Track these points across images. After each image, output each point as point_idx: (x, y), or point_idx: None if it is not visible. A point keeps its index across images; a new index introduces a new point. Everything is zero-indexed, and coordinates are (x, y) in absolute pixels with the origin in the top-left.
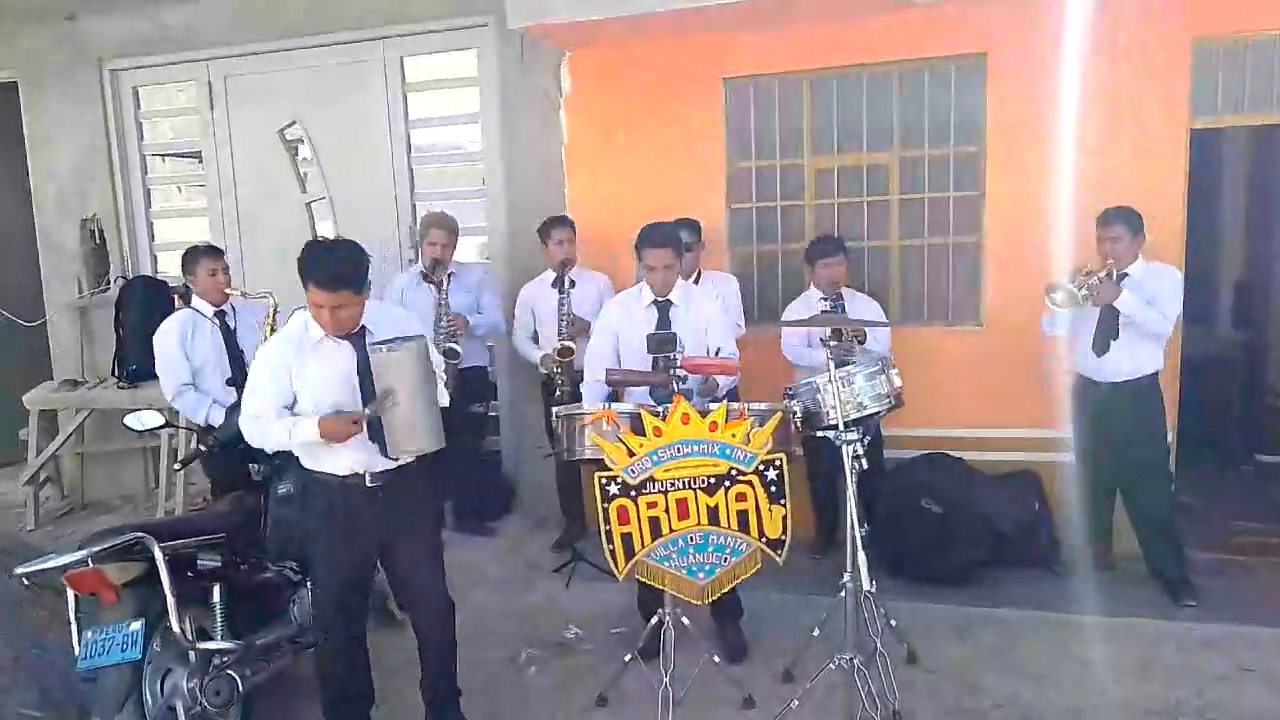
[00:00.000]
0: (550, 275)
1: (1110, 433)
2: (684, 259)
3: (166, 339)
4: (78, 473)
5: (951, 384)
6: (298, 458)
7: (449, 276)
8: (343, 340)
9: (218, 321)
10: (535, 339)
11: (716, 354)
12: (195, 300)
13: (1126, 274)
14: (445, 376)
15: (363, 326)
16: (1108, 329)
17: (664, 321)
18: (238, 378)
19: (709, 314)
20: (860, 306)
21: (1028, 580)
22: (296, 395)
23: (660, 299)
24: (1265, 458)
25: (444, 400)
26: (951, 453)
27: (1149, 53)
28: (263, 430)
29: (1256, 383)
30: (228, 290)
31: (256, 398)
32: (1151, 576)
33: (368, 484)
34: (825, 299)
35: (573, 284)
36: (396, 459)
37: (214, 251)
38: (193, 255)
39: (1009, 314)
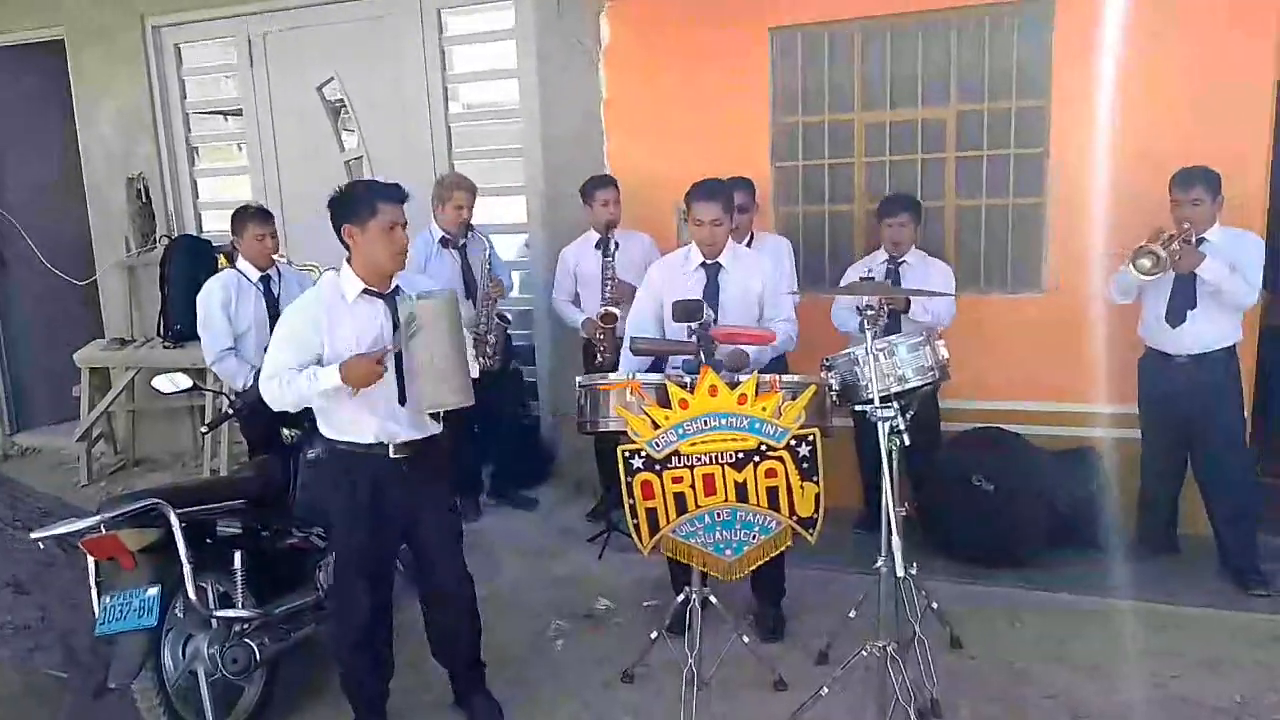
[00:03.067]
0: (594, 236)
1: (1183, 409)
2: (738, 220)
3: (210, 300)
4: (129, 430)
5: (1009, 355)
6: None
7: (469, 240)
8: (377, 298)
9: (262, 286)
10: (576, 301)
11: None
12: (241, 262)
13: (1205, 239)
14: (497, 342)
15: (396, 285)
16: (1184, 298)
17: (712, 286)
18: None
19: (763, 278)
20: (921, 272)
21: (1085, 564)
22: (324, 356)
23: (709, 261)
24: None
25: (474, 370)
26: (1008, 427)
27: None
28: (283, 387)
29: None
30: (275, 256)
31: (279, 357)
32: (1220, 563)
33: (391, 454)
34: (886, 262)
35: (617, 245)
36: (423, 429)
37: (263, 215)
38: (241, 217)
39: (1072, 281)
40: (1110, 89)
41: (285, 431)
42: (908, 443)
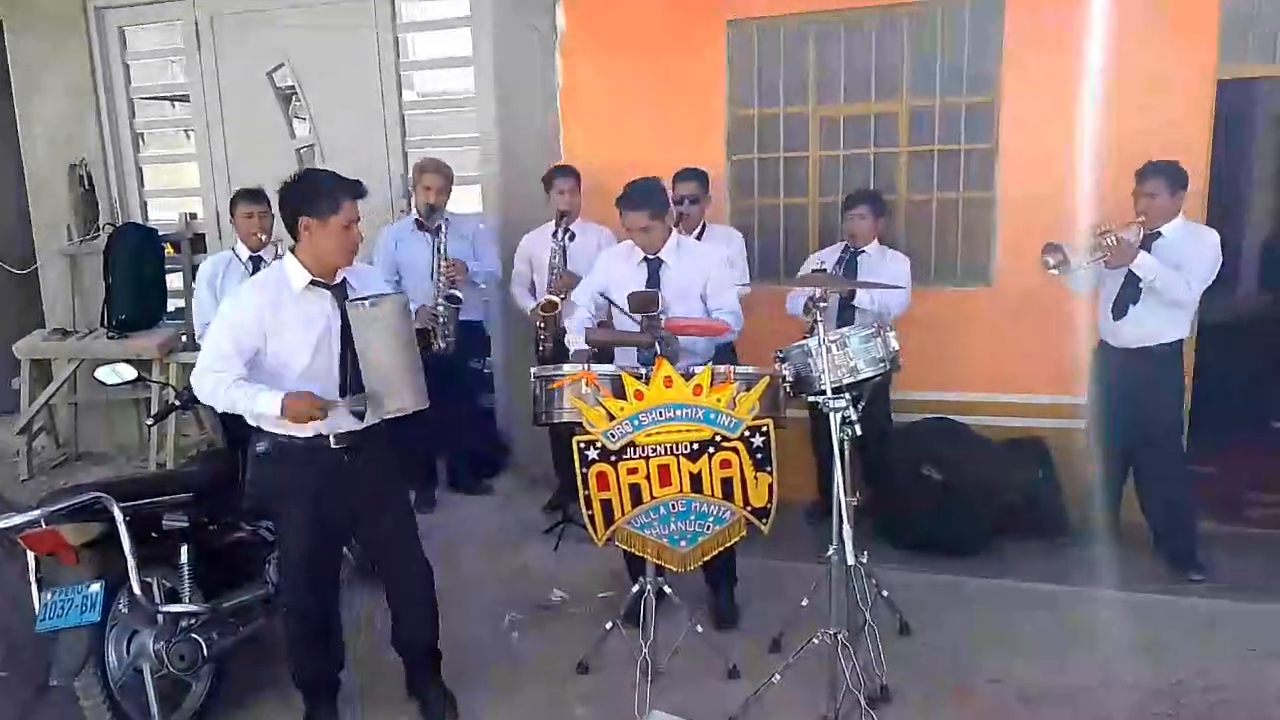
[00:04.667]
0: (552, 226)
1: (1123, 400)
2: (689, 210)
3: (200, 276)
4: (71, 423)
5: (959, 347)
6: None
7: (445, 223)
8: (324, 290)
9: (251, 266)
10: (533, 291)
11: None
12: (236, 243)
13: (1160, 234)
14: (447, 323)
15: (344, 279)
16: (1128, 292)
17: (653, 280)
18: None
19: (707, 271)
20: (876, 265)
21: (1031, 551)
22: (264, 347)
23: (650, 256)
24: None
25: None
26: (958, 418)
27: None
28: (217, 388)
29: None
30: (262, 236)
31: (219, 348)
32: (1158, 550)
33: (332, 445)
34: (842, 252)
35: (573, 236)
36: (361, 419)
37: (254, 195)
38: (235, 198)
39: (1021, 274)
40: (1058, 85)
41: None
42: (859, 433)
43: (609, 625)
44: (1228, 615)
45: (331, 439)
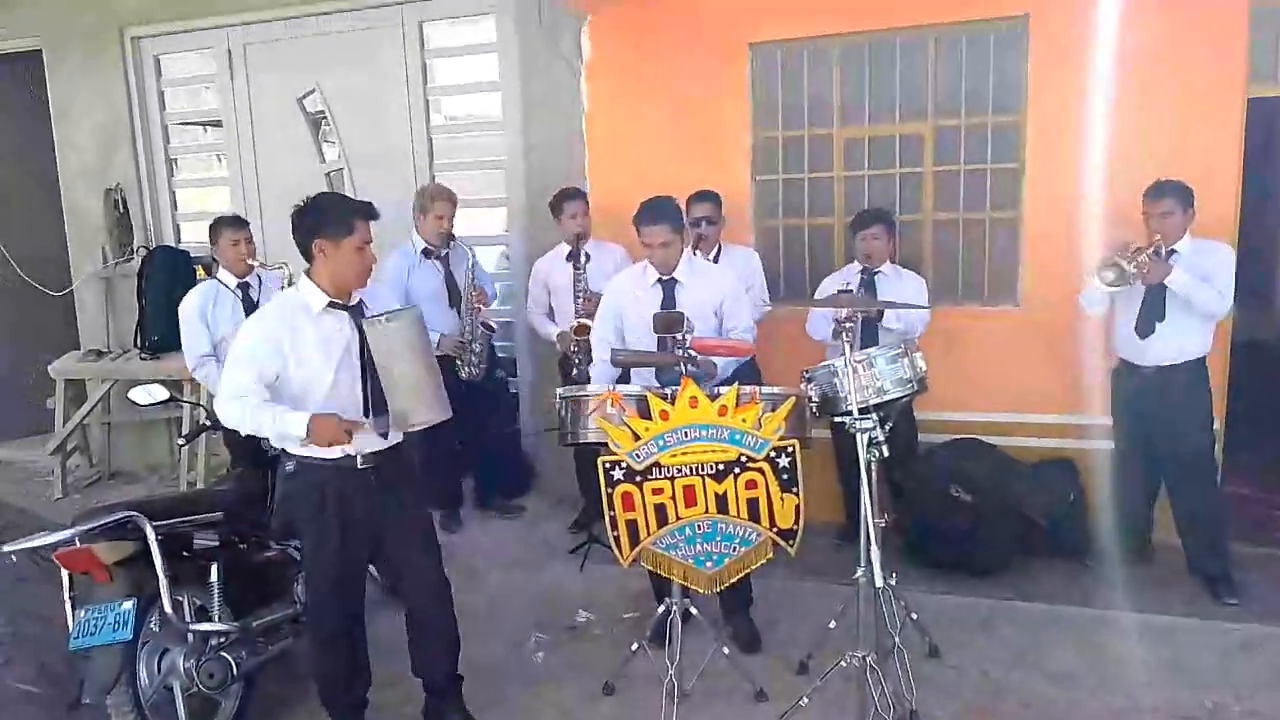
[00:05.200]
0: (565, 249)
1: (1152, 420)
2: (706, 231)
3: (188, 308)
4: (105, 442)
5: (985, 367)
6: None
7: (468, 250)
8: (342, 311)
9: (240, 293)
10: (551, 315)
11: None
12: (220, 271)
13: (1175, 251)
14: (481, 350)
15: (360, 300)
16: (1153, 310)
17: (669, 301)
18: None
19: (724, 290)
20: (894, 284)
21: (1060, 573)
22: (285, 371)
23: (664, 277)
24: None
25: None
26: (984, 438)
27: (1203, 15)
28: (243, 413)
29: None
30: (250, 261)
31: (241, 375)
32: (1191, 572)
33: (359, 466)
34: (861, 273)
35: (588, 258)
36: (386, 438)
37: (237, 222)
38: (217, 225)
39: (1047, 293)
40: (1084, 105)
41: (265, 441)
42: (886, 454)
43: (634, 646)
44: (1264, 639)
45: (359, 459)
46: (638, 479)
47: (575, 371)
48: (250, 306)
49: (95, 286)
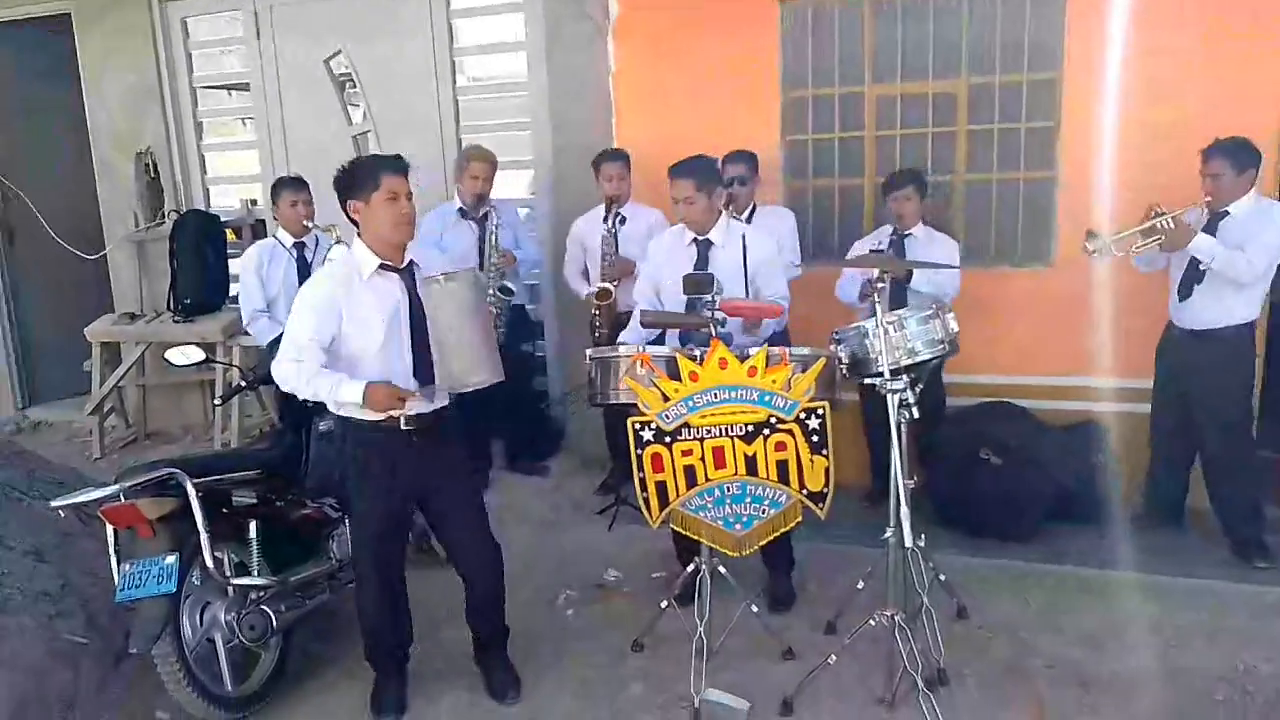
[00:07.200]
0: (602, 210)
1: (1189, 382)
2: (739, 192)
3: (246, 263)
4: (140, 403)
5: (1018, 328)
6: None
7: (493, 211)
8: (392, 273)
9: (295, 253)
10: (586, 276)
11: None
12: (279, 231)
13: (1227, 213)
14: (500, 313)
15: (410, 261)
16: (1192, 272)
17: (702, 261)
18: None
19: (760, 253)
20: (924, 247)
21: (1090, 536)
22: (341, 333)
23: (700, 238)
24: None
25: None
26: (1016, 401)
27: None
28: (302, 378)
29: None
30: (306, 222)
31: (300, 338)
32: (1224, 535)
33: (403, 427)
34: (892, 235)
35: (623, 220)
36: (431, 401)
37: (297, 183)
38: (277, 185)
39: (1082, 255)
40: (1124, 61)
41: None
42: (916, 415)
43: (663, 604)
44: None
45: (402, 421)
46: (667, 440)
47: (595, 335)
48: (304, 267)
49: (127, 250)
